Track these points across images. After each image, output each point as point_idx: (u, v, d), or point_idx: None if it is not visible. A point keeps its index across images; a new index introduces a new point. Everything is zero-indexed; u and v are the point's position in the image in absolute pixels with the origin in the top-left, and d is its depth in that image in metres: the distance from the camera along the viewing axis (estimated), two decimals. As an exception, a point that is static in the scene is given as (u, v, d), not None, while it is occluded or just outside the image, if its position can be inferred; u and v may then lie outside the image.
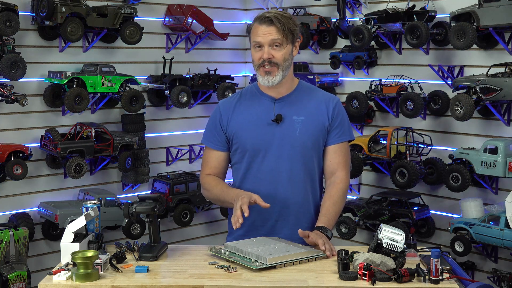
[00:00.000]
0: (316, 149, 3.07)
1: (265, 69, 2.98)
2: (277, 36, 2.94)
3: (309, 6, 5.83)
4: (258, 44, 2.97)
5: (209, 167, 3.16)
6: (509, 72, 4.46)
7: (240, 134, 3.07)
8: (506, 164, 4.47)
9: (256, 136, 3.03)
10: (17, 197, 4.92)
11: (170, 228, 5.76)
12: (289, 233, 3.00)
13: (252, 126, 3.05)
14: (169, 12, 5.70)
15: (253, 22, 3.02)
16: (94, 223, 2.77)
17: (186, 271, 2.54)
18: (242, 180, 3.10)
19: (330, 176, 3.11)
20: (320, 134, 3.06)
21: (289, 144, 3.02)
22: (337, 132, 3.09)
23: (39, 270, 4.87)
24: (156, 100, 5.70)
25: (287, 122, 3.03)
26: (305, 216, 3.08)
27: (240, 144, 3.07)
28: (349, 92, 5.47)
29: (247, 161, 3.07)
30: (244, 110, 3.09)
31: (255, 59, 3.01)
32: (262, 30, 2.95)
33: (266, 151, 3.03)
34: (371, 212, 5.20)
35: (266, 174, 3.04)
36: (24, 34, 4.84)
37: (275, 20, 2.93)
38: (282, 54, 2.97)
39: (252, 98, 3.12)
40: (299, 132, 3.02)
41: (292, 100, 3.08)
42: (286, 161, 3.02)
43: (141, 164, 5.38)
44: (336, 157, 3.10)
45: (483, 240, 4.55)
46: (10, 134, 4.84)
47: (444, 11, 5.04)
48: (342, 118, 3.12)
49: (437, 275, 2.38)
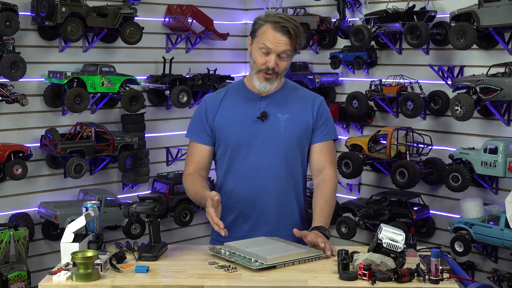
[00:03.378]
0: (300, 148, 3.08)
1: (266, 75, 2.96)
2: (288, 48, 2.93)
3: (309, 6, 5.83)
4: (267, 50, 2.92)
5: (193, 162, 3.13)
6: (509, 72, 4.46)
7: (224, 130, 3.06)
8: (506, 164, 4.47)
9: (240, 133, 3.03)
10: (17, 197, 4.92)
11: (170, 228, 5.76)
12: (271, 230, 3.01)
13: (237, 123, 3.04)
14: (169, 12, 5.70)
15: (264, 22, 2.94)
16: (94, 223, 2.77)
17: (186, 271, 2.54)
18: (225, 176, 3.10)
19: (318, 174, 3.11)
20: (304, 132, 3.07)
21: (273, 142, 3.02)
22: (322, 131, 3.10)
23: (39, 270, 4.87)
24: (156, 100, 5.70)
25: (272, 119, 3.03)
26: (287, 214, 3.08)
27: (224, 139, 3.07)
28: (349, 92, 5.47)
29: (229, 157, 3.06)
30: (230, 106, 3.08)
31: (258, 63, 2.96)
32: (276, 38, 2.90)
33: (250, 148, 3.03)
34: (371, 212, 5.20)
35: (248, 171, 3.04)
36: (24, 34, 4.84)
37: (291, 31, 2.90)
38: (286, 65, 2.98)
39: (238, 95, 3.11)
40: (283, 130, 3.03)
41: (278, 98, 3.07)
42: (269, 159, 3.02)
43: (141, 164, 5.38)
44: (323, 154, 3.10)
45: (483, 240, 4.55)
46: (10, 134, 4.84)
47: (444, 11, 5.04)
48: (327, 117, 3.13)
49: (437, 275, 2.38)
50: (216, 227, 2.72)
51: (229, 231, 2.89)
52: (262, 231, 3.01)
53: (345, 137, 5.68)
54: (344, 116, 5.64)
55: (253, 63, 3.00)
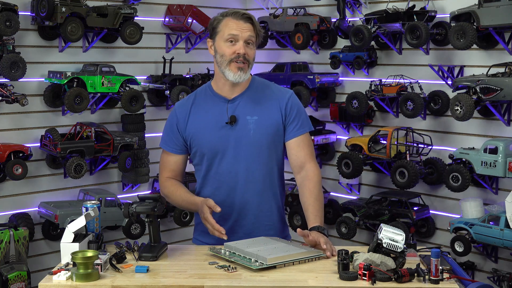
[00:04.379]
0: (273, 148, 3.06)
1: (238, 64, 2.95)
2: (253, 34, 2.96)
3: (309, 6, 5.83)
4: (233, 38, 2.94)
5: (168, 170, 3.18)
6: (509, 72, 4.46)
7: (197, 137, 3.06)
8: (506, 164, 4.47)
9: (212, 139, 3.03)
10: (17, 197, 4.93)
11: (170, 228, 5.76)
12: (248, 232, 3.02)
13: (208, 129, 3.04)
14: (169, 12, 5.70)
15: (222, 17, 2.99)
16: (94, 223, 2.77)
17: (186, 271, 2.54)
18: (203, 181, 3.12)
19: (300, 170, 3.08)
20: (275, 132, 3.04)
21: (245, 145, 3.01)
22: (295, 126, 3.06)
23: (39, 270, 4.87)
24: (156, 100, 5.70)
25: (240, 123, 3.02)
26: (265, 215, 3.08)
27: (198, 147, 3.07)
28: (349, 92, 5.47)
29: (206, 164, 3.08)
30: (199, 113, 3.08)
31: (226, 53, 2.95)
32: (240, 25, 2.94)
33: (223, 154, 3.03)
34: (371, 212, 5.20)
35: (224, 176, 3.04)
36: (24, 34, 4.84)
37: (253, 19, 2.97)
38: (253, 53, 3.00)
39: (206, 100, 3.10)
40: (253, 132, 3.01)
41: (245, 99, 3.06)
42: (243, 162, 3.02)
43: (141, 164, 5.39)
44: (301, 150, 3.07)
45: (483, 240, 4.55)
46: (10, 134, 4.84)
47: (444, 11, 5.04)
48: (298, 111, 3.09)
49: (437, 275, 2.38)
50: (217, 233, 2.78)
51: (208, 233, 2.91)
52: (240, 233, 3.02)
53: (345, 137, 5.69)
54: (344, 116, 5.64)
55: (220, 57, 2.99)
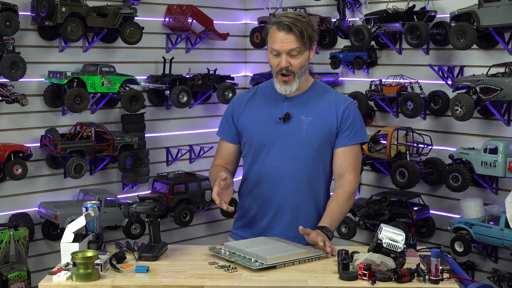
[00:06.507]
0: (322, 151, 3.05)
1: (283, 78, 2.98)
2: (296, 45, 2.92)
3: (309, 6, 5.84)
4: (276, 51, 2.95)
5: (220, 157, 3.25)
6: (509, 72, 4.46)
7: (248, 129, 3.12)
8: (506, 164, 4.47)
9: (262, 133, 3.06)
10: (17, 197, 4.92)
11: (170, 228, 5.76)
12: (284, 231, 3.02)
13: (260, 123, 3.08)
14: (169, 12, 5.70)
15: (270, 25, 2.97)
16: (94, 223, 2.77)
17: (186, 271, 2.55)
18: (247, 173, 3.16)
19: (339, 179, 3.08)
20: (327, 136, 3.04)
21: (294, 144, 3.02)
22: (347, 135, 3.05)
23: (39, 270, 4.87)
24: (156, 100, 5.70)
25: (294, 121, 3.03)
26: (303, 217, 3.06)
27: (248, 138, 3.12)
28: (349, 92, 5.47)
29: (252, 156, 3.11)
30: (255, 106, 3.13)
31: (272, 65, 3.01)
32: (280, 38, 2.92)
33: (270, 148, 3.05)
34: (371, 212, 5.20)
35: (268, 171, 3.06)
36: (24, 34, 4.84)
37: (293, 27, 2.89)
38: (299, 62, 2.97)
39: (265, 95, 3.15)
40: (305, 132, 3.02)
41: (303, 100, 3.08)
42: (289, 160, 3.03)
43: (141, 164, 5.38)
44: (345, 160, 3.06)
45: (483, 240, 4.55)
46: (10, 134, 4.84)
47: (444, 11, 5.04)
48: (354, 120, 3.07)
49: (437, 275, 2.38)
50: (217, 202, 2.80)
51: (249, 226, 3.03)
52: (276, 231, 3.03)
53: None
54: (344, 116, 5.63)
55: (270, 66, 3.04)
